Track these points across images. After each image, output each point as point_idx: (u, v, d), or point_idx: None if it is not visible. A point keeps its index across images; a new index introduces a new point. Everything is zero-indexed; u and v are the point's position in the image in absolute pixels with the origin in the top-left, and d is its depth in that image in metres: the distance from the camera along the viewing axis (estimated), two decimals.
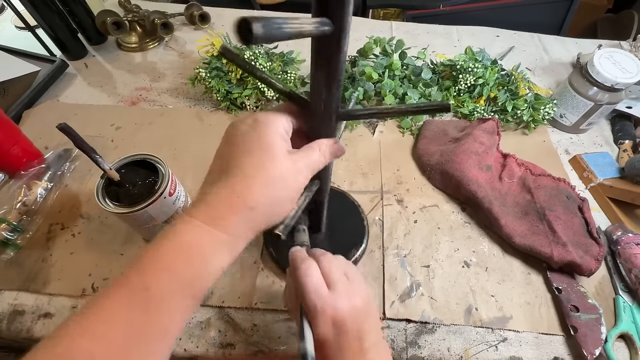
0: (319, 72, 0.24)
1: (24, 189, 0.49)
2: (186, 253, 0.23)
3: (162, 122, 0.62)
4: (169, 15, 0.78)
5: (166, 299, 0.22)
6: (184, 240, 0.23)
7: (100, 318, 0.21)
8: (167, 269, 0.22)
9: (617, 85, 0.53)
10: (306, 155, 0.27)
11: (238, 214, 0.24)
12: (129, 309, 0.21)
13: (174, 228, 0.24)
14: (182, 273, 0.23)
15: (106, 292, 0.22)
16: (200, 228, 0.23)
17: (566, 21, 1.07)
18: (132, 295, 0.22)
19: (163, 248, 0.23)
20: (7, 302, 0.43)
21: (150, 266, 0.22)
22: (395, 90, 0.61)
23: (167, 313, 0.22)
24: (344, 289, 0.28)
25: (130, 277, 0.22)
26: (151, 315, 0.22)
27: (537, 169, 0.53)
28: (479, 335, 0.42)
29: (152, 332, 0.22)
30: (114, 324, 0.21)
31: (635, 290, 0.44)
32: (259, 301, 0.43)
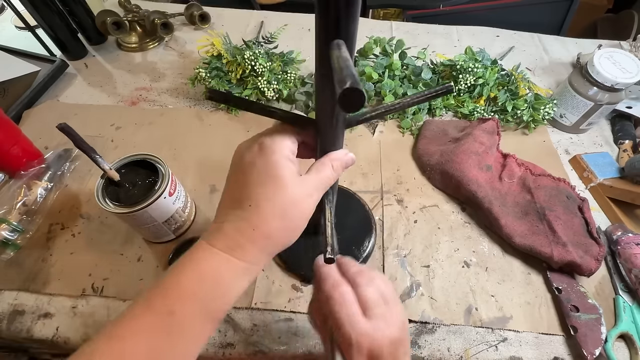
0: (327, 92, 0.23)
1: (24, 189, 0.49)
2: (208, 281, 0.24)
3: (162, 122, 0.62)
4: (169, 15, 0.78)
5: (189, 323, 0.23)
6: (206, 268, 0.24)
7: (127, 339, 0.22)
8: (191, 295, 0.24)
9: (617, 85, 0.53)
10: (317, 175, 0.27)
11: (255, 243, 0.25)
12: (153, 332, 0.23)
13: (195, 255, 0.25)
14: (205, 299, 0.24)
15: (131, 314, 0.23)
16: (220, 257, 0.24)
17: (566, 21, 1.07)
18: (157, 320, 0.23)
19: (185, 274, 0.24)
20: (7, 302, 0.43)
21: (173, 292, 0.24)
22: (395, 90, 0.61)
23: (190, 337, 0.23)
24: (382, 317, 0.26)
25: (153, 301, 0.23)
26: (175, 339, 0.23)
27: (537, 169, 0.53)
28: (479, 335, 0.42)
29: (174, 355, 0.23)
30: (139, 347, 0.22)
31: (635, 290, 0.44)
32: (259, 301, 0.43)
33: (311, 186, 0.26)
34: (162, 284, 0.24)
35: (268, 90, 0.60)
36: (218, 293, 0.24)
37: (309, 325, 0.42)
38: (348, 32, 0.20)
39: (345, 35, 0.20)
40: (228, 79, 0.62)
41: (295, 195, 0.25)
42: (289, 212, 0.25)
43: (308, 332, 0.42)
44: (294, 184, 0.25)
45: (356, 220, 0.49)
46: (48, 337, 0.41)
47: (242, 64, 0.60)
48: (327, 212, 0.31)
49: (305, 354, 0.41)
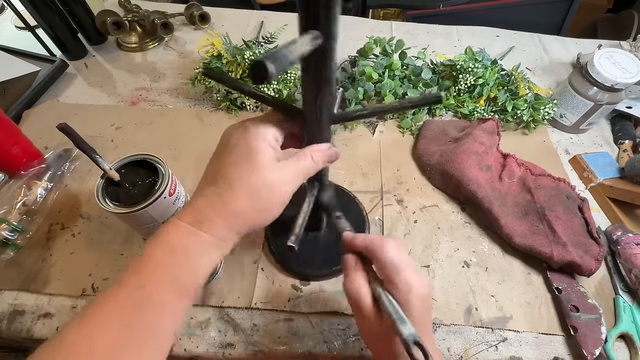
0: (311, 81, 0.24)
1: (24, 189, 0.49)
2: (176, 253, 0.25)
3: (162, 122, 0.62)
4: (169, 15, 0.78)
5: (158, 296, 0.24)
6: (172, 240, 0.25)
7: (98, 318, 0.23)
8: (159, 268, 0.24)
9: (617, 85, 0.53)
10: (295, 163, 0.28)
11: (223, 219, 0.25)
12: (125, 308, 0.23)
13: (165, 229, 0.25)
14: (173, 272, 0.24)
15: (105, 294, 0.24)
16: (188, 230, 0.25)
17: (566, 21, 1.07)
18: (128, 295, 0.23)
19: (155, 249, 0.25)
20: (7, 302, 0.43)
21: (144, 267, 0.24)
22: (395, 90, 0.61)
23: (162, 310, 0.24)
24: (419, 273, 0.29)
25: (126, 278, 0.24)
26: (145, 313, 0.23)
27: (537, 169, 0.53)
28: (479, 335, 0.42)
29: (146, 328, 0.23)
30: (110, 323, 0.22)
31: (635, 290, 0.44)
32: (259, 301, 0.43)
33: (287, 173, 0.27)
34: (135, 261, 0.25)
35: (268, 90, 0.60)
36: (187, 266, 0.25)
37: (309, 325, 0.42)
38: (327, 25, 0.21)
39: (324, 28, 0.21)
40: None
41: (269, 178, 0.26)
42: (260, 194, 0.26)
43: (308, 332, 0.42)
44: (269, 168, 0.26)
45: (349, 222, 0.49)
46: (48, 337, 0.41)
47: (242, 64, 0.60)
48: (306, 203, 0.31)
49: (305, 354, 0.41)
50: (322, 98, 0.26)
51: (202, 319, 0.42)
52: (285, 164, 0.27)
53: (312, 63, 0.23)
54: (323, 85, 0.25)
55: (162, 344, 0.24)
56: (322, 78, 0.24)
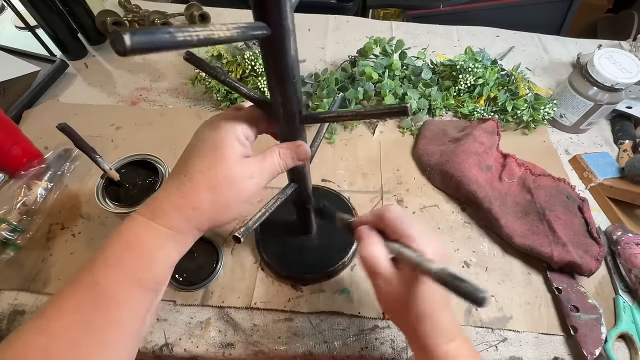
0: (271, 74, 0.24)
1: (24, 189, 0.49)
2: (131, 248, 0.24)
3: (162, 122, 0.62)
4: (169, 15, 0.78)
5: (114, 291, 0.23)
6: (128, 235, 0.24)
7: (55, 316, 0.22)
8: (115, 263, 0.24)
9: (617, 85, 0.53)
10: (261, 160, 0.27)
11: (181, 211, 0.25)
12: (80, 304, 0.23)
13: (122, 224, 0.25)
14: (129, 267, 0.24)
15: (61, 292, 0.23)
16: (142, 222, 0.25)
17: (566, 21, 1.07)
18: (84, 292, 0.23)
19: (110, 245, 0.24)
20: (7, 302, 0.43)
21: (98, 263, 0.24)
22: (395, 90, 0.61)
23: (117, 305, 0.23)
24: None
25: (82, 275, 0.24)
26: (100, 308, 0.23)
27: (537, 169, 0.53)
28: (479, 335, 0.42)
29: (102, 323, 0.23)
30: (66, 320, 0.22)
31: (635, 290, 0.44)
32: (259, 301, 0.43)
33: (252, 169, 0.26)
34: (91, 258, 0.24)
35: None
36: (143, 260, 0.24)
37: (309, 325, 0.42)
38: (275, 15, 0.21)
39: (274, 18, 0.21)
40: None
41: (232, 172, 0.25)
42: (221, 188, 0.25)
43: (308, 332, 0.42)
44: (233, 162, 0.25)
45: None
46: None
47: (242, 64, 0.60)
48: (271, 201, 0.31)
49: (305, 354, 0.41)
50: (283, 93, 0.25)
51: (202, 319, 0.42)
52: (250, 160, 0.27)
53: (268, 56, 0.23)
54: (282, 81, 0.24)
55: (124, 338, 0.24)
56: (279, 73, 0.24)
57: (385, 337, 0.42)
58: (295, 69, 0.24)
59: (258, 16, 0.21)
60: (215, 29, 0.18)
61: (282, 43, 0.22)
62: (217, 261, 0.45)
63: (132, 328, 0.24)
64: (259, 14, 0.21)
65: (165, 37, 0.16)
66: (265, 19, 0.21)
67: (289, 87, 0.25)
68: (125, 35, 0.14)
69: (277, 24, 0.21)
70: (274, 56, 0.23)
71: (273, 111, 0.27)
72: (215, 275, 0.44)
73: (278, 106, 0.26)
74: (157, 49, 0.15)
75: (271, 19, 0.21)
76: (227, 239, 0.48)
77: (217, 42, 0.18)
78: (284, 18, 0.21)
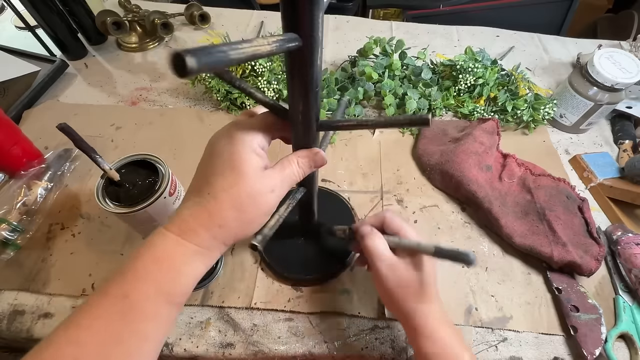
0: (295, 84, 0.24)
1: (24, 189, 0.49)
2: (161, 263, 0.25)
3: (162, 122, 0.62)
4: (169, 15, 0.78)
5: (142, 305, 0.24)
6: (158, 251, 0.25)
7: (85, 325, 0.23)
8: (144, 278, 0.24)
9: (617, 85, 0.53)
10: (281, 171, 0.27)
11: (208, 229, 0.25)
12: (109, 315, 0.23)
13: (151, 240, 0.25)
14: (158, 281, 0.24)
15: (89, 302, 0.24)
16: (173, 240, 0.25)
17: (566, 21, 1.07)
18: (112, 304, 0.23)
19: (140, 259, 0.25)
20: (7, 302, 0.43)
21: (128, 276, 0.24)
22: (395, 90, 0.61)
23: (144, 318, 0.24)
24: None
25: (110, 286, 0.24)
26: (129, 320, 0.23)
27: (537, 169, 0.53)
28: (479, 335, 0.42)
29: (130, 336, 0.23)
30: (96, 331, 0.23)
31: (635, 290, 0.44)
32: (259, 301, 0.43)
33: (273, 181, 0.27)
34: (119, 271, 0.25)
35: (268, 90, 0.60)
36: (171, 275, 0.25)
37: (309, 325, 0.42)
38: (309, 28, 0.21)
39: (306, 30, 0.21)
40: None
41: (254, 188, 0.25)
42: (245, 205, 0.26)
43: (308, 332, 0.42)
44: (255, 178, 0.25)
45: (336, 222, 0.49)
46: None
47: (242, 64, 0.60)
48: (283, 207, 0.31)
49: (305, 354, 0.41)
50: (305, 102, 0.25)
51: (202, 319, 0.42)
52: (270, 172, 0.27)
53: (295, 66, 0.23)
54: (306, 90, 0.24)
55: (149, 350, 0.24)
56: (304, 83, 0.24)
57: (385, 337, 0.42)
58: (319, 79, 0.24)
59: (290, 27, 0.21)
60: (259, 44, 0.18)
61: (311, 55, 0.22)
62: (217, 261, 0.45)
63: (156, 341, 0.25)
64: (291, 25, 0.21)
65: (220, 55, 0.16)
66: (298, 30, 0.21)
67: (312, 97, 0.25)
68: (188, 58, 0.14)
69: (308, 35, 0.21)
70: (301, 67, 0.23)
71: (291, 118, 0.27)
72: (215, 275, 0.44)
73: (298, 114, 0.26)
74: (214, 68, 0.16)
75: (303, 30, 0.21)
76: None
77: (261, 57, 0.19)
78: (316, 30, 0.21)
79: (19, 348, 0.46)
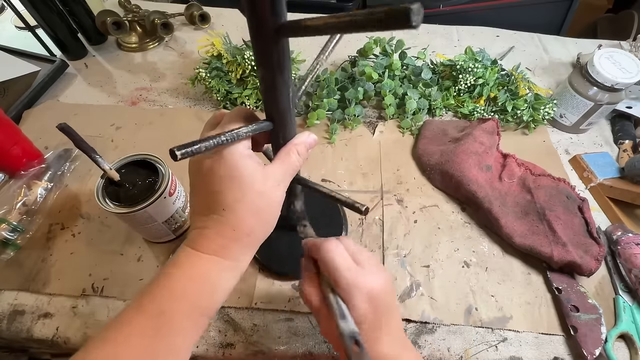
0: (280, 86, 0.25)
1: (24, 189, 0.49)
2: (197, 281, 0.25)
3: (162, 122, 0.62)
4: (169, 15, 0.78)
5: (179, 321, 0.24)
6: (194, 271, 0.26)
7: (121, 340, 0.23)
8: (181, 295, 0.25)
9: (617, 85, 0.53)
10: (282, 164, 0.28)
11: (238, 242, 0.26)
12: (145, 333, 0.24)
13: (179, 260, 0.26)
14: (195, 298, 0.25)
15: (123, 318, 0.24)
16: (208, 259, 0.26)
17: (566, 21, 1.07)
18: (149, 321, 0.24)
19: (175, 277, 0.25)
20: (7, 302, 0.43)
21: (164, 293, 0.25)
22: (395, 90, 0.61)
23: (179, 334, 0.25)
24: (373, 266, 0.28)
25: (144, 304, 0.25)
26: (166, 337, 0.24)
27: (537, 169, 0.53)
28: (479, 335, 0.42)
29: (167, 351, 0.24)
30: (133, 346, 0.23)
31: (635, 290, 0.44)
32: (259, 301, 0.43)
33: (277, 176, 0.27)
34: (152, 289, 0.25)
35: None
36: (207, 291, 0.26)
37: (309, 325, 0.42)
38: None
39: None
40: (228, 79, 0.62)
41: (263, 190, 0.26)
42: (261, 208, 0.26)
43: (308, 332, 0.42)
44: (259, 180, 0.26)
45: (325, 223, 0.49)
46: (48, 337, 0.41)
47: (242, 64, 0.60)
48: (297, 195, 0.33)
49: (305, 354, 0.41)
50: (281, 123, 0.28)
51: None
52: (272, 168, 0.27)
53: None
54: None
55: (182, 359, 0.25)
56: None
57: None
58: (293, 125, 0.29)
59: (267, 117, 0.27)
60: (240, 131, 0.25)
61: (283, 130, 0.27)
62: None
63: (189, 350, 0.26)
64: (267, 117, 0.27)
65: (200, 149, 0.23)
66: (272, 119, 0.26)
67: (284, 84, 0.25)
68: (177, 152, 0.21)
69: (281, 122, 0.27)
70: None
71: (276, 118, 0.28)
72: None
73: (289, 110, 0.27)
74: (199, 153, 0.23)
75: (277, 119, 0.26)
76: None
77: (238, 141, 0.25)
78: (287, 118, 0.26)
79: (19, 348, 0.46)
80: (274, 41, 0.22)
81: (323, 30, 0.20)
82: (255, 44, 0.23)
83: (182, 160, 0.22)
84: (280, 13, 0.21)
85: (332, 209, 0.50)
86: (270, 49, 0.22)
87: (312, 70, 0.31)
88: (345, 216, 0.50)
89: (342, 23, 0.18)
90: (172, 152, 0.21)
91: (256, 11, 0.21)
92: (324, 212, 0.50)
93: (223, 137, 0.23)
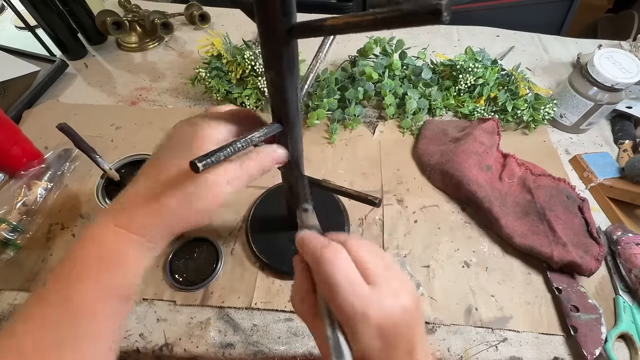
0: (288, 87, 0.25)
1: (24, 189, 0.49)
2: (103, 259, 0.23)
3: (162, 122, 0.62)
4: (169, 15, 0.78)
5: (89, 306, 0.23)
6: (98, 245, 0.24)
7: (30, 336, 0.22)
8: (85, 276, 0.23)
9: (617, 85, 0.53)
10: (238, 163, 0.26)
11: (158, 218, 0.24)
12: (54, 324, 0.22)
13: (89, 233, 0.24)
14: (101, 278, 0.23)
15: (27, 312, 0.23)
16: (115, 232, 0.24)
17: (566, 21, 1.07)
18: (57, 311, 0.22)
19: (79, 257, 0.24)
20: (7, 302, 0.43)
21: (70, 278, 0.23)
22: (395, 90, 0.61)
23: (93, 318, 0.23)
24: (388, 284, 0.20)
25: (50, 292, 0.23)
26: (78, 325, 0.22)
27: (537, 169, 0.53)
28: (479, 335, 0.42)
29: (81, 338, 0.22)
30: (44, 340, 0.22)
31: (635, 290, 0.44)
32: (259, 301, 0.43)
33: (228, 172, 0.25)
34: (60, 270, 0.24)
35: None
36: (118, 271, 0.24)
37: None
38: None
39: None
40: (228, 79, 0.62)
41: (210, 177, 0.24)
42: (199, 192, 0.24)
43: (308, 333, 0.42)
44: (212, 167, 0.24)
45: (327, 223, 0.49)
46: None
47: (242, 64, 0.60)
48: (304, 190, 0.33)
49: (305, 354, 0.41)
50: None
51: (202, 319, 0.42)
52: (228, 164, 0.25)
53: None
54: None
55: (103, 346, 0.23)
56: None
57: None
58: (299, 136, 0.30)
59: (275, 119, 0.27)
60: (253, 136, 0.25)
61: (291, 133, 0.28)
62: (217, 261, 0.45)
63: (110, 333, 0.24)
64: (276, 119, 0.27)
65: (221, 158, 0.23)
66: (280, 121, 0.27)
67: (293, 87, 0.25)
68: (198, 164, 0.21)
69: (289, 123, 0.27)
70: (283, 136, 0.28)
71: (288, 123, 0.28)
72: (215, 275, 0.44)
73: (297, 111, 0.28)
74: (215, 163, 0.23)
75: (284, 121, 0.27)
76: (227, 239, 0.48)
77: (254, 145, 0.26)
78: (294, 119, 0.26)
79: None
80: (285, 42, 0.21)
81: (340, 30, 0.20)
82: (265, 46, 0.22)
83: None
84: (291, 14, 0.20)
85: (334, 207, 0.50)
86: (281, 50, 0.22)
87: (313, 70, 0.31)
88: (347, 214, 0.50)
89: (365, 22, 0.18)
90: (194, 164, 0.21)
91: (267, 12, 0.20)
92: (325, 209, 0.50)
93: (238, 143, 0.24)
